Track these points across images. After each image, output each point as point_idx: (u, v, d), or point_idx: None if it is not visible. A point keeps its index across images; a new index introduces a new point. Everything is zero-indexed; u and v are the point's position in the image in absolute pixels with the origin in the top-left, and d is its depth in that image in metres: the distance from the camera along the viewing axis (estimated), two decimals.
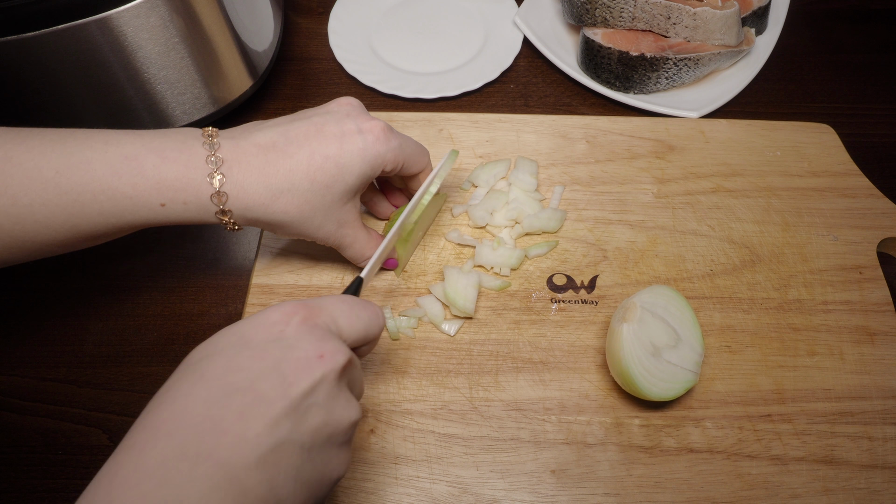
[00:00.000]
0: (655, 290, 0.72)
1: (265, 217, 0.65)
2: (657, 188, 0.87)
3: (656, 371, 0.67)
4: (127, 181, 0.60)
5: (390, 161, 0.69)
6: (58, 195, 0.58)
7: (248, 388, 0.47)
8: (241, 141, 0.64)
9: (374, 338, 0.57)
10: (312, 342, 0.50)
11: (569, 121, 0.93)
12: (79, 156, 0.59)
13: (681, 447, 0.70)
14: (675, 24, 0.95)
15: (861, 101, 1.02)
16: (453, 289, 0.75)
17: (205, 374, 0.48)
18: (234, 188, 0.62)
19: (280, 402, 0.47)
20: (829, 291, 0.79)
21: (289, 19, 1.12)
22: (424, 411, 0.71)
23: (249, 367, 0.48)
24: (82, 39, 0.75)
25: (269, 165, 0.63)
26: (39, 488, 0.71)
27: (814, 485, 0.68)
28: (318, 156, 0.65)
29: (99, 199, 0.59)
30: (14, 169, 0.57)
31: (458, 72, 1.03)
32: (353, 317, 0.55)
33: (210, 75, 0.86)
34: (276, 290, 0.79)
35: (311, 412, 0.48)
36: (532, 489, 0.67)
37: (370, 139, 0.67)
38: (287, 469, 0.47)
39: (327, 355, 0.50)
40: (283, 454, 0.46)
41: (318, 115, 0.68)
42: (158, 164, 0.60)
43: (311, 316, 0.52)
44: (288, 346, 0.49)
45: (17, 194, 0.57)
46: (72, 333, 0.81)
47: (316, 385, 0.48)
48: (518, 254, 0.79)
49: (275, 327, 0.50)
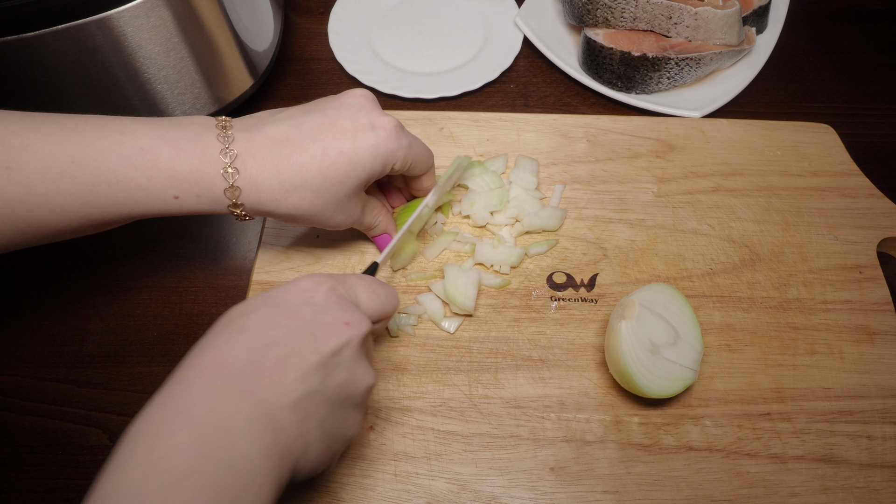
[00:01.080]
0: (654, 288, 0.73)
1: (277, 211, 0.67)
2: (657, 187, 0.88)
3: (655, 368, 0.68)
4: (142, 173, 0.61)
5: (400, 159, 0.70)
6: (73, 185, 0.59)
7: (284, 342, 0.52)
8: (255, 133, 0.65)
9: (388, 315, 0.63)
10: (339, 310, 0.56)
11: (569, 120, 0.94)
12: (94, 146, 0.60)
13: (680, 445, 0.70)
14: (676, 23, 0.96)
15: (861, 101, 1.03)
16: (453, 286, 0.77)
17: (245, 327, 0.53)
18: (248, 183, 0.64)
19: (311, 356, 0.53)
20: (829, 291, 0.80)
21: (289, 19, 1.13)
22: (424, 408, 0.72)
23: (286, 324, 0.54)
24: (82, 39, 0.75)
25: (282, 161, 0.65)
26: (39, 488, 0.72)
27: (813, 483, 0.69)
28: (331, 152, 0.66)
29: (113, 189, 0.60)
30: (30, 157, 0.58)
31: (458, 72, 1.04)
32: (372, 293, 0.61)
33: (210, 75, 0.87)
34: (277, 286, 0.79)
35: (337, 370, 0.54)
36: (531, 486, 0.68)
37: (382, 136, 0.68)
38: (315, 416, 0.53)
39: (353, 323, 0.55)
40: (312, 402, 0.52)
41: (332, 107, 0.68)
42: (173, 157, 0.62)
43: (337, 287, 0.57)
44: (318, 310, 0.55)
45: (32, 182, 0.58)
46: (72, 333, 0.81)
47: (342, 347, 0.54)
48: (518, 252, 0.80)
49: (306, 293, 0.56)
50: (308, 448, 0.52)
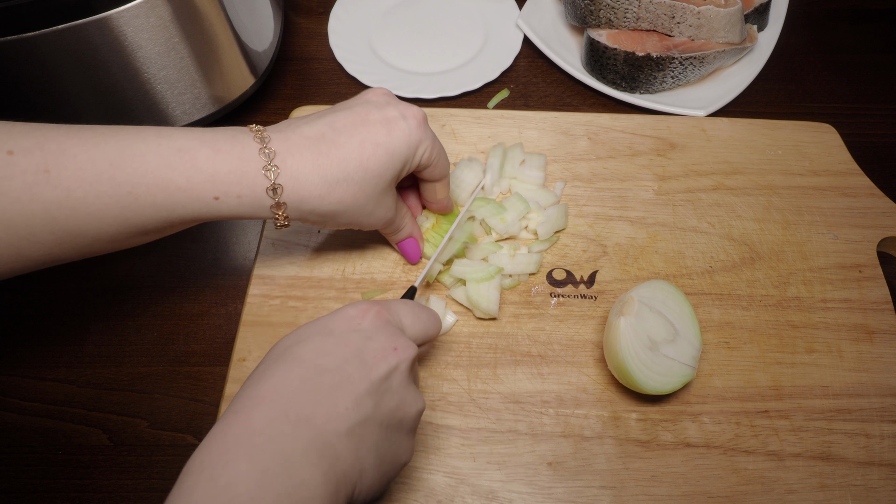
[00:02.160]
0: (653, 285, 0.74)
1: (320, 208, 0.67)
2: (658, 185, 0.89)
3: (653, 365, 0.69)
4: (181, 173, 0.61)
5: (429, 149, 0.71)
6: (112, 187, 0.59)
7: (335, 370, 0.54)
8: (290, 133, 0.66)
9: (432, 338, 0.64)
10: (386, 336, 0.57)
11: (570, 117, 0.95)
12: (132, 148, 0.60)
13: (678, 441, 0.72)
14: (679, 23, 0.97)
15: (861, 101, 1.04)
16: (475, 292, 0.77)
17: (298, 356, 0.55)
18: (289, 180, 0.65)
19: (363, 383, 0.54)
20: (829, 289, 0.81)
21: (289, 19, 1.14)
22: None
23: (336, 352, 0.55)
24: (82, 39, 0.76)
25: (321, 157, 0.66)
26: (39, 488, 0.73)
27: (810, 481, 0.70)
28: (368, 144, 0.67)
29: (152, 191, 0.60)
30: (68, 161, 0.58)
31: (458, 72, 1.05)
32: (415, 318, 0.62)
33: (210, 75, 0.88)
34: (277, 280, 0.81)
35: (388, 396, 0.56)
36: (529, 481, 0.69)
37: (413, 124, 0.69)
38: (369, 442, 0.54)
39: (400, 348, 0.57)
40: (366, 429, 0.54)
41: (359, 104, 0.70)
42: (212, 157, 0.62)
43: (382, 313, 0.59)
44: (367, 336, 0.57)
45: (71, 186, 0.58)
46: (72, 333, 0.82)
47: (391, 372, 0.56)
48: (536, 259, 0.81)
49: (354, 320, 0.58)
50: (364, 475, 0.54)
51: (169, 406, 0.77)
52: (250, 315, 0.79)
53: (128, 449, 0.75)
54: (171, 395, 0.78)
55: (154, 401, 0.78)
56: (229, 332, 0.81)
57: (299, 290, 0.80)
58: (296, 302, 0.79)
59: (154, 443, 0.75)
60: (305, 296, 0.80)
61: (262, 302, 0.79)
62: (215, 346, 0.81)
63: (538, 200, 0.86)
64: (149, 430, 0.76)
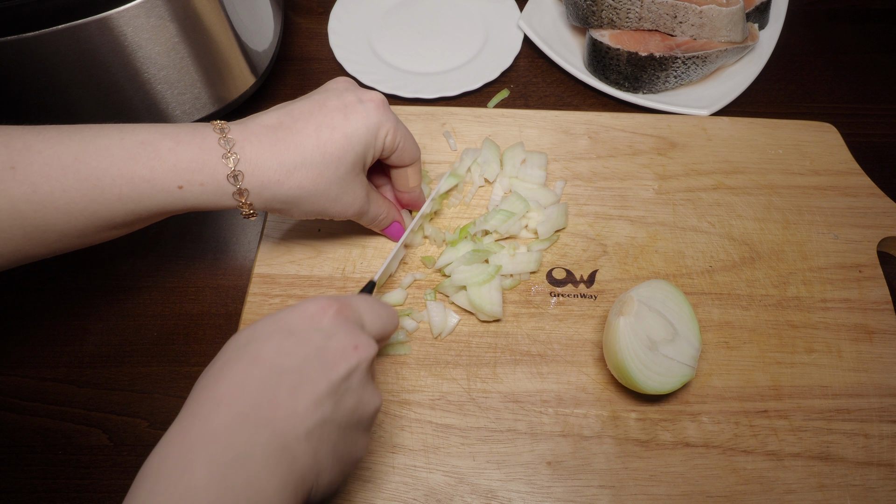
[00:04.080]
0: (653, 285, 0.74)
1: (281, 194, 0.69)
2: (658, 184, 0.90)
3: (652, 364, 0.69)
4: (144, 164, 0.63)
5: (391, 131, 0.72)
6: (77, 181, 0.61)
7: (295, 370, 0.54)
8: (249, 123, 0.68)
9: (389, 334, 0.64)
10: (347, 334, 0.57)
11: (571, 116, 0.96)
12: (96, 143, 0.62)
13: (677, 441, 0.72)
14: (681, 22, 0.98)
15: (861, 101, 1.05)
16: (477, 296, 0.78)
17: (258, 356, 0.54)
18: (249, 167, 0.66)
19: (323, 383, 0.54)
20: (829, 289, 0.82)
21: (289, 19, 1.15)
22: (422, 401, 0.74)
23: (296, 351, 0.55)
24: (82, 39, 0.77)
25: (279, 142, 0.68)
26: (39, 488, 0.73)
27: (809, 481, 0.71)
28: (325, 128, 0.69)
29: (117, 183, 0.62)
30: (34, 156, 0.60)
31: (458, 72, 1.06)
32: (375, 315, 0.62)
33: (210, 75, 0.88)
34: (278, 279, 0.82)
35: (347, 395, 0.56)
36: (528, 480, 0.70)
37: (371, 107, 0.71)
38: (327, 443, 0.55)
39: (361, 347, 0.57)
40: (325, 430, 0.54)
41: (318, 93, 0.72)
42: (174, 147, 0.64)
43: (343, 310, 0.58)
44: (327, 335, 0.56)
45: (37, 181, 0.60)
46: (72, 333, 0.83)
47: (352, 372, 0.56)
48: (536, 257, 0.82)
49: (314, 318, 0.57)
50: (321, 475, 0.55)
51: (169, 406, 0.78)
52: (250, 314, 0.80)
53: (128, 449, 0.76)
54: (171, 395, 0.79)
55: (154, 401, 0.78)
56: (229, 332, 0.81)
57: (300, 289, 0.81)
58: (296, 301, 0.80)
59: (154, 443, 0.72)
60: (306, 295, 0.81)
61: (262, 301, 0.80)
62: (215, 346, 0.80)
63: (538, 199, 0.86)
64: (149, 430, 0.77)
